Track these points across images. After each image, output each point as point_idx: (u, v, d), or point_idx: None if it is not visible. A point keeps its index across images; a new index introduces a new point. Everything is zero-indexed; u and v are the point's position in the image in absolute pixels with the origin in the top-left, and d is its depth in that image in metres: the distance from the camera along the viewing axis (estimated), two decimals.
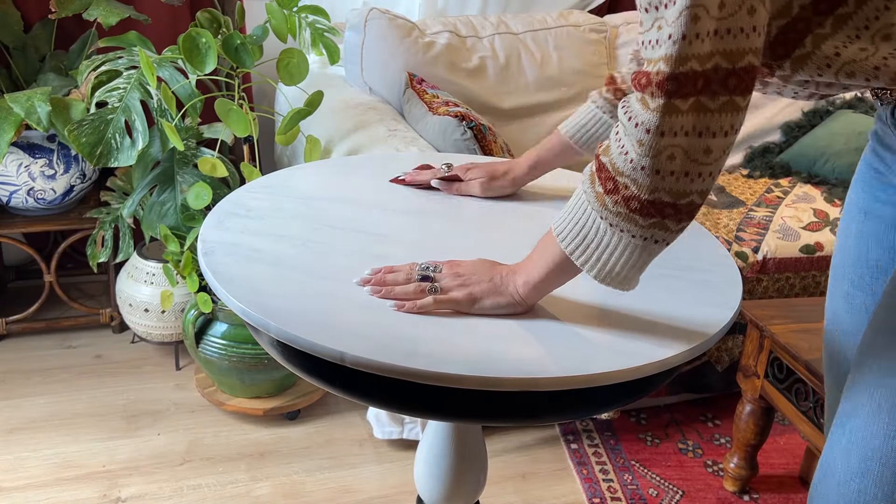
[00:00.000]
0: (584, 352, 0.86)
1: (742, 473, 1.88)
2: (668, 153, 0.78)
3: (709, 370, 2.06)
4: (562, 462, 1.97)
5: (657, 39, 0.78)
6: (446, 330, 0.87)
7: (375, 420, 1.90)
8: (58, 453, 1.89)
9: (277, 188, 1.22)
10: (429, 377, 0.79)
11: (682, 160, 0.78)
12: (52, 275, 2.22)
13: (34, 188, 2.11)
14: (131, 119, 1.83)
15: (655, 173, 0.79)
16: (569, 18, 2.50)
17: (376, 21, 2.24)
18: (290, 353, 0.90)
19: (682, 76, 0.76)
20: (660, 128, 0.77)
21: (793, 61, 0.91)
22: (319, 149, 1.90)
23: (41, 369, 2.19)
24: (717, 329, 0.93)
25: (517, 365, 0.82)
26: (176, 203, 1.97)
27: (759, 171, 2.55)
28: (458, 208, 1.22)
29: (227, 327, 1.92)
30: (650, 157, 0.78)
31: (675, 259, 1.12)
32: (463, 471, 1.25)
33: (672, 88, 0.76)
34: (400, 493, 1.83)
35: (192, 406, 2.09)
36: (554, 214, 0.90)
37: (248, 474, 1.86)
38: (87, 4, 2.02)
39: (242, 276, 0.94)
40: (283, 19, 1.81)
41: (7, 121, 1.83)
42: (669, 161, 0.78)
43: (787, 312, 1.78)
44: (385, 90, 2.26)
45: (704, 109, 0.77)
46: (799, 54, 0.90)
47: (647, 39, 0.79)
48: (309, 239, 1.06)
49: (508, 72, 2.38)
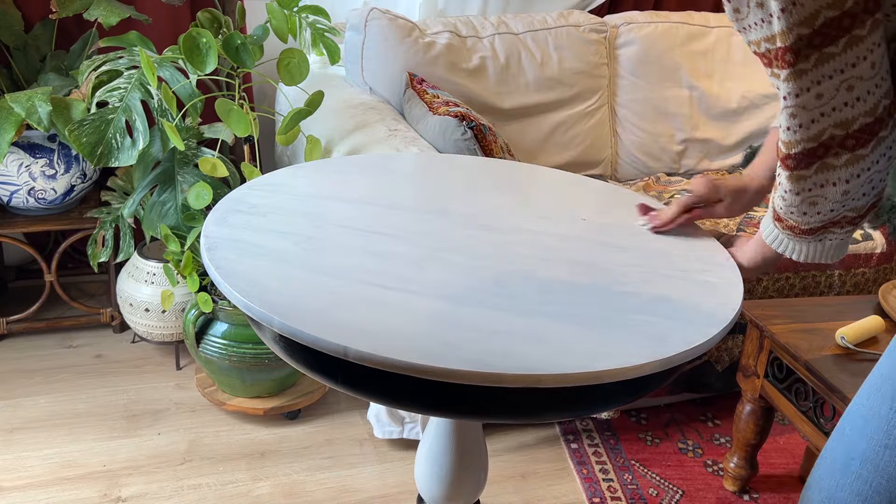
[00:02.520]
0: (587, 350, 0.86)
1: (742, 473, 1.88)
2: (810, 201, 0.93)
3: (709, 370, 2.07)
4: (562, 461, 1.97)
5: (779, 122, 0.92)
6: (449, 326, 0.87)
7: (376, 420, 1.91)
8: (58, 453, 1.89)
9: (279, 186, 1.22)
10: (432, 373, 0.79)
11: (823, 203, 0.93)
12: (52, 274, 2.22)
13: (35, 188, 2.11)
14: (132, 119, 1.83)
15: (803, 214, 0.95)
16: (569, 18, 2.51)
17: (377, 21, 2.24)
18: (292, 348, 0.90)
19: (798, 155, 0.89)
20: (793, 190, 0.93)
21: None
22: (320, 149, 1.90)
23: (42, 369, 2.19)
24: (718, 329, 0.94)
25: (520, 362, 0.82)
26: (176, 203, 1.97)
27: None
28: (457, 208, 1.22)
29: (227, 327, 1.92)
30: (795, 206, 0.95)
31: (676, 259, 1.12)
32: (463, 470, 1.25)
33: (792, 165, 0.91)
34: (400, 493, 1.83)
35: (192, 406, 2.09)
36: (548, 220, 0.90)
37: (248, 474, 1.86)
38: (87, 4, 2.02)
39: (245, 272, 0.95)
40: (283, 19, 1.81)
41: (8, 121, 1.83)
42: (812, 206, 0.93)
43: (787, 312, 1.79)
44: (385, 90, 2.27)
45: (831, 167, 0.89)
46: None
47: None
48: (311, 236, 1.06)
49: (508, 72, 2.39)
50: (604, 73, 2.53)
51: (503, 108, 2.38)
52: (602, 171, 2.56)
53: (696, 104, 2.61)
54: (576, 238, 1.15)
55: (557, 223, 1.19)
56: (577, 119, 2.49)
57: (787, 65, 0.84)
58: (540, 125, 2.45)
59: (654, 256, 1.12)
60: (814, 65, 0.83)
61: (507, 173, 1.42)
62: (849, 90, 0.84)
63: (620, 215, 1.26)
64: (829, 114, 0.85)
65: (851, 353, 1.63)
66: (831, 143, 0.87)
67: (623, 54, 2.56)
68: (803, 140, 0.88)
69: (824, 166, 0.89)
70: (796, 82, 0.85)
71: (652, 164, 2.59)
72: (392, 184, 1.29)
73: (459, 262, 1.03)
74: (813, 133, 0.87)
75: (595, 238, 1.16)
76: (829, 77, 0.83)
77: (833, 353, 1.63)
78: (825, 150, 0.88)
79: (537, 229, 1.17)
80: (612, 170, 2.59)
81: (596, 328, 0.90)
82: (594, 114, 2.52)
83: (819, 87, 0.84)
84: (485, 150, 1.83)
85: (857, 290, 2.14)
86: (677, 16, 2.64)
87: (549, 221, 1.20)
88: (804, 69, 0.84)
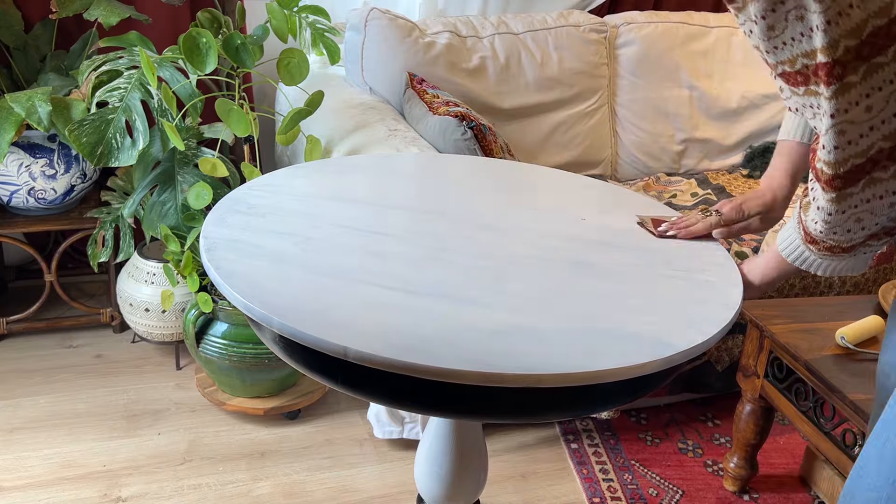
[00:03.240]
0: (586, 349, 0.86)
1: (742, 473, 1.88)
2: (856, 218, 0.89)
3: (709, 370, 2.07)
4: (562, 461, 1.97)
5: (821, 143, 0.87)
6: (449, 326, 0.87)
7: (376, 419, 1.91)
8: (58, 453, 1.89)
9: (279, 187, 1.22)
10: (432, 373, 0.79)
11: (868, 218, 0.89)
12: (52, 274, 2.22)
13: (35, 188, 2.11)
14: (132, 119, 1.83)
15: (847, 232, 0.91)
16: (569, 18, 2.51)
17: (377, 21, 2.24)
18: (292, 348, 0.90)
19: (847, 173, 0.85)
20: (839, 210, 0.89)
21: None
22: (320, 149, 1.90)
23: (42, 369, 2.19)
24: (718, 329, 0.94)
25: (519, 361, 0.82)
26: (176, 203, 1.97)
27: (759, 170, 2.56)
28: (457, 208, 1.22)
29: (227, 327, 1.92)
30: (839, 226, 0.91)
31: (676, 259, 1.12)
32: (463, 470, 1.25)
33: (840, 185, 0.87)
34: (400, 493, 1.83)
35: (192, 406, 2.09)
36: (548, 220, 0.90)
37: (248, 474, 1.86)
38: (87, 4, 2.02)
39: (244, 272, 0.95)
40: (283, 19, 1.81)
41: (8, 121, 1.83)
42: (857, 223, 0.90)
43: (787, 312, 1.79)
44: (385, 90, 2.27)
45: (878, 181, 0.86)
46: None
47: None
48: (310, 236, 1.06)
49: (508, 72, 2.39)
50: (604, 73, 2.53)
51: (503, 108, 2.38)
52: (602, 171, 2.56)
53: (696, 104, 2.61)
54: (576, 238, 1.15)
55: (557, 223, 1.19)
56: (577, 119, 2.49)
57: (836, 79, 0.80)
58: (540, 125, 2.45)
59: (653, 256, 1.12)
60: (862, 77, 0.80)
61: (507, 173, 1.42)
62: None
63: (620, 215, 1.26)
64: (878, 127, 0.82)
65: (851, 353, 1.63)
66: (879, 156, 0.83)
67: (623, 54, 2.56)
68: (852, 157, 0.84)
69: (871, 181, 0.85)
70: (845, 97, 0.81)
71: (652, 164, 2.59)
72: (392, 184, 1.29)
73: (459, 262, 1.03)
74: (861, 148, 0.83)
75: (595, 238, 1.16)
76: (878, 89, 0.80)
77: (833, 353, 1.63)
78: (873, 164, 0.84)
79: (537, 229, 1.17)
80: (612, 170, 2.59)
81: (596, 328, 0.90)
82: (594, 114, 2.52)
83: (868, 99, 0.81)
84: (485, 150, 1.83)
85: (857, 290, 2.14)
86: (677, 16, 2.64)
87: (549, 221, 1.20)
88: (852, 82, 0.80)
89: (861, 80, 0.80)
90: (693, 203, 2.30)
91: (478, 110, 2.30)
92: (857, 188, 0.86)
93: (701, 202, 2.29)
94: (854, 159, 0.84)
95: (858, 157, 0.84)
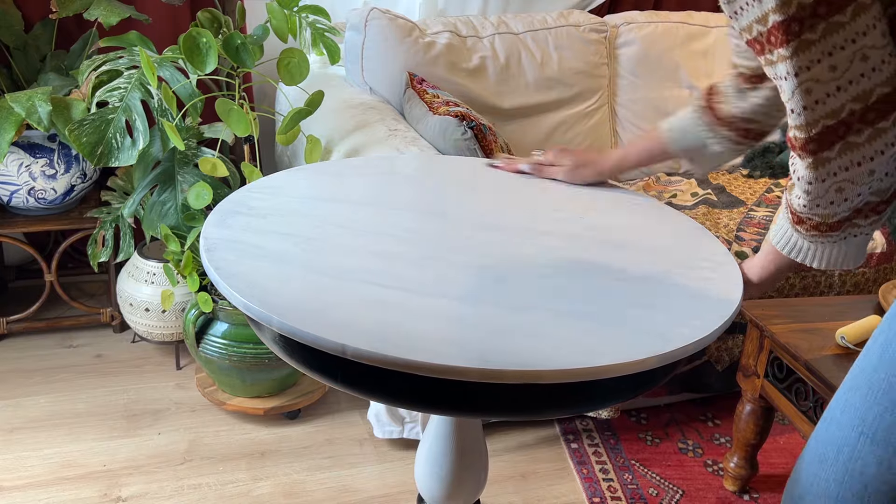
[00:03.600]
0: (587, 345, 0.86)
1: (742, 473, 1.88)
2: (837, 187, 0.89)
3: (709, 370, 2.07)
4: (562, 461, 1.97)
5: (789, 108, 0.87)
6: (448, 323, 0.87)
7: (376, 419, 1.91)
8: (58, 452, 1.89)
9: (279, 188, 1.23)
10: (430, 370, 0.80)
11: (850, 188, 0.89)
12: (52, 274, 2.23)
13: (35, 188, 2.11)
14: (132, 119, 1.83)
15: (830, 204, 0.91)
16: (569, 18, 2.51)
17: (377, 21, 2.24)
18: (291, 347, 0.90)
19: (819, 135, 0.86)
20: (818, 178, 0.89)
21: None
22: (320, 149, 1.90)
23: (42, 369, 2.19)
24: (718, 324, 0.94)
25: (519, 358, 0.82)
26: (176, 203, 1.97)
27: (759, 171, 2.56)
28: (457, 208, 1.22)
29: (227, 327, 1.92)
30: (821, 196, 0.90)
31: (676, 258, 1.12)
32: (463, 470, 1.25)
33: (814, 148, 0.87)
34: (400, 493, 1.83)
35: (192, 405, 2.09)
36: (548, 220, 0.90)
37: (248, 473, 1.86)
38: (87, 4, 2.02)
39: (244, 272, 0.95)
40: (283, 19, 1.81)
41: (8, 120, 1.83)
42: (839, 193, 0.89)
43: (787, 312, 1.79)
44: (385, 90, 2.27)
45: (854, 146, 0.86)
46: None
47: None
48: (310, 237, 1.06)
49: (508, 72, 2.39)
50: (604, 73, 2.53)
51: (503, 108, 2.38)
52: None
53: None
54: (576, 237, 1.15)
55: (557, 222, 1.20)
56: (577, 119, 2.49)
57: (794, 35, 0.81)
58: (540, 125, 2.45)
59: (653, 254, 1.12)
60: (821, 35, 0.81)
61: (507, 173, 1.42)
62: (863, 60, 0.82)
63: (620, 214, 1.26)
64: (845, 87, 0.83)
65: (851, 353, 1.63)
66: (851, 119, 0.84)
67: (623, 54, 2.56)
68: (822, 118, 0.85)
69: (847, 146, 0.86)
70: (805, 54, 0.82)
71: None
72: (392, 184, 1.29)
73: (459, 262, 1.03)
74: (830, 109, 0.84)
75: (595, 236, 1.16)
76: (840, 48, 0.81)
77: (833, 352, 1.63)
78: (846, 128, 0.85)
79: (537, 228, 1.17)
80: None
81: (595, 325, 0.90)
82: (594, 114, 2.52)
83: (831, 58, 0.82)
84: (485, 150, 1.83)
85: (857, 290, 2.14)
86: (677, 16, 2.64)
87: (549, 220, 1.20)
88: (811, 39, 0.81)
89: (820, 38, 0.81)
90: (693, 203, 2.30)
91: (478, 110, 2.31)
92: (832, 152, 0.87)
93: (701, 202, 2.29)
94: (825, 120, 0.85)
95: (829, 118, 0.85)
